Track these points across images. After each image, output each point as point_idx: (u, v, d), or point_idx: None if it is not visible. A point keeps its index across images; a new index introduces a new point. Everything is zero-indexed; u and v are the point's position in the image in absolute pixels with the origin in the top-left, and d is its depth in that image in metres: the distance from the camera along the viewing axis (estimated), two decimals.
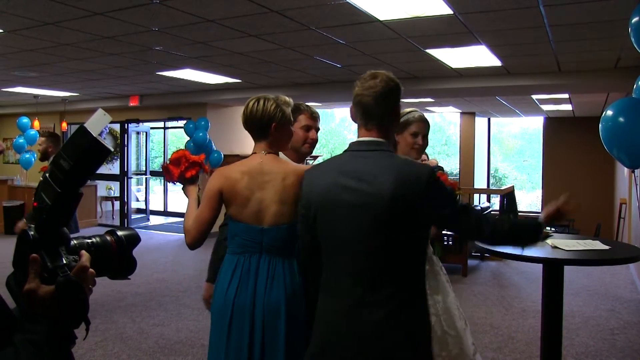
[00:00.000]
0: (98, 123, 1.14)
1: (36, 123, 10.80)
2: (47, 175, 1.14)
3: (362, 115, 2.03)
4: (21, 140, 10.70)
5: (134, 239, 1.27)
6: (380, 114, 2.00)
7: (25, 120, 10.73)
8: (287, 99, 2.59)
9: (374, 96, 2.00)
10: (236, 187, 2.45)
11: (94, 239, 1.21)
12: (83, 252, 1.14)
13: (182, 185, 2.81)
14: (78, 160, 1.11)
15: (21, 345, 1.02)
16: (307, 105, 2.96)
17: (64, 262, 1.11)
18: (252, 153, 2.55)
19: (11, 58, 6.61)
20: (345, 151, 2.07)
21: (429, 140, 2.96)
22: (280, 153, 2.62)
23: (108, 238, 1.23)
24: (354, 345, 1.89)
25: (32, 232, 1.12)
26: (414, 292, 1.95)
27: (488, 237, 2.05)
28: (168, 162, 2.82)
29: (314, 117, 2.95)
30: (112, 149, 1.01)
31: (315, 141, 2.95)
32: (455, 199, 2.07)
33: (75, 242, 1.18)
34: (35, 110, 11.48)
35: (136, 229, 1.34)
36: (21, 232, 1.13)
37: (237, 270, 2.46)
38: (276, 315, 2.39)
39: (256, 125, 2.52)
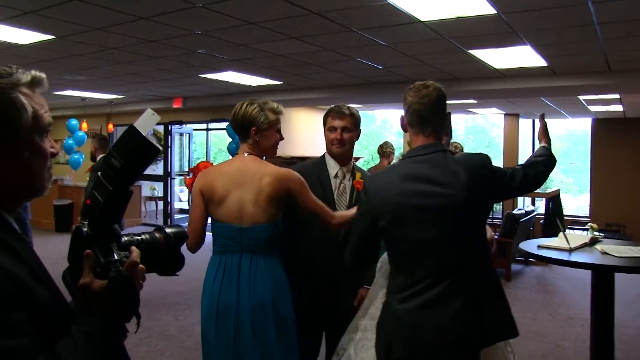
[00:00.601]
0: (147, 122, 1.18)
1: (84, 125, 11.08)
2: (99, 174, 1.18)
3: (419, 122, 2.15)
4: (70, 142, 10.98)
5: (182, 236, 1.30)
6: (435, 120, 2.14)
7: (74, 122, 11.01)
8: (274, 105, 2.68)
9: (429, 104, 2.12)
10: (213, 186, 2.56)
11: (143, 236, 1.25)
12: (133, 248, 1.19)
13: None
14: (128, 159, 1.15)
15: (77, 336, 1.07)
16: (337, 105, 3.00)
17: (116, 257, 1.16)
18: (236, 154, 2.69)
19: (62, 62, 6.78)
20: (406, 158, 2.21)
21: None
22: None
23: (157, 235, 1.27)
24: (446, 338, 2.00)
25: (85, 229, 1.17)
26: (488, 273, 2.15)
27: (536, 181, 2.26)
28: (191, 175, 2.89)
29: (339, 116, 2.99)
30: (161, 148, 1.05)
31: (341, 141, 2.95)
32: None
33: (125, 238, 1.23)
34: (84, 112, 11.77)
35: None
36: (75, 228, 1.18)
37: (220, 269, 2.56)
38: (264, 313, 2.47)
39: (238, 127, 2.65)
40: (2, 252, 1.01)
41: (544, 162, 2.32)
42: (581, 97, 9.24)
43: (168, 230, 1.28)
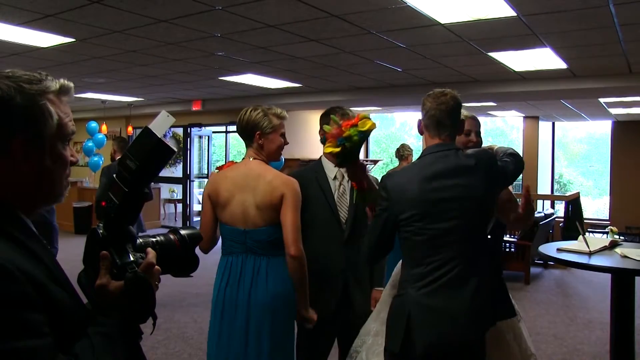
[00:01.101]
0: (162, 124, 1.19)
1: (104, 127, 11.18)
2: (114, 175, 1.19)
3: (437, 127, 2.31)
4: (90, 144, 11.09)
5: (197, 238, 1.31)
6: (451, 125, 2.32)
7: (93, 124, 11.12)
8: (277, 110, 2.74)
9: (447, 111, 2.29)
10: (219, 189, 2.67)
11: (158, 238, 1.26)
12: (149, 249, 1.19)
13: None
14: (143, 160, 1.16)
15: (95, 338, 1.08)
16: (341, 108, 2.98)
17: (132, 259, 1.16)
18: (243, 159, 2.77)
19: (82, 65, 6.87)
20: (422, 156, 2.34)
21: (482, 138, 2.89)
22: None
23: (172, 237, 1.27)
24: (466, 317, 2.17)
25: (101, 231, 1.18)
26: (491, 257, 2.38)
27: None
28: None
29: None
30: (176, 150, 1.07)
31: None
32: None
33: (141, 240, 1.23)
34: (103, 115, 11.89)
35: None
36: (91, 230, 1.19)
37: (227, 270, 2.66)
38: (263, 311, 2.56)
39: (243, 132, 2.73)
40: (22, 254, 1.02)
41: (520, 162, 2.53)
42: (601, 100, 9.15)
43: (183, 231, 1.29)
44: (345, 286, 2.94)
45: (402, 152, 7.33)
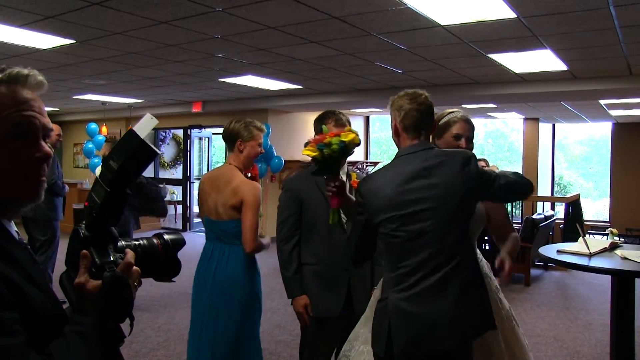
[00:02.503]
0: (146, 126, 1.22)
1: (104, 129, 11.17)
2: (97, 176, 1.20)
3: (414, 127, 2.30)
4: (90, 146, 11.08)
5: (179, 243, 1.31)
6: (430, 124, 2.35)
7: (93, 126, 11.11)
8: (258, 124, 3.28)
9: (427, 111, 2.31)
10: (201, 188, 3.33)
11: (141, 241, 1.26)
12: (128, 250, 1.19)
13: None
14: (126, 160, 1.17)
15: (70, 336, 1.07)
16: (334, 113, 3.01)
17: (111, 259, 1.16)
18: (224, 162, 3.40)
19: (82, 67, 6.86)
20: (397, 157, 2.35)
21: (473, 144, 2.74)
22: None
23: (155, 241, 1.28)
24: (446, 326, 2.13)
25: (82, 231, 1.19)
26: (472, 257, 2.34)
27: (518, 192, 2.45)
28: None
29: (340, 124, 2.99)
30: (159, 152, 1.10)
31: None
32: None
33: (122, 242, 1.23)
34: (103, 116, 11.89)
35: (198, 233, 1.38)
36: (73, 230, 1.19)
37: (204, 252, 3.29)
38: (221, 291, 3.12)
39: (227, 138, 3.27)
40: None
41: (524, 183, 2.44)
42: (602, 101, 9.16)
43: (166, 236, 1.29)
44: (348, 286, 3.05)
45: None
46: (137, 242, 1.26)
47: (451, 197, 2.18)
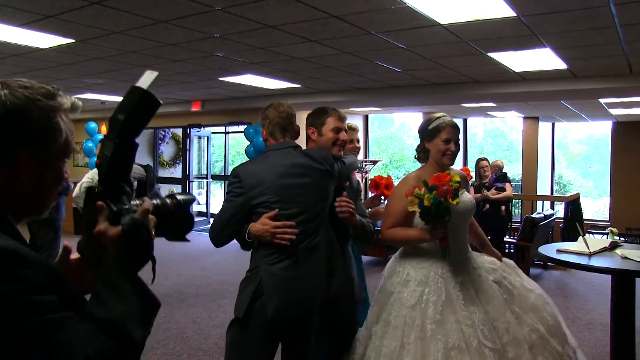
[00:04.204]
0: (147, 80, 1.27)
1: (103, 128, 11.16)
2: (104, 137, 1.25)
3: (282, 130, 2.78)
4: (90, 145, 11.09)
5: (191, 200, 1.36)
6: (292, 129, 2.81)
7: (93, 125, 11.11)
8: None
9: (288, 118, 2.80)
10: None
11: (155, 201, 1.28)
12: (145, 198, 1.23)
13: None
14: (132, 110, 1.23)
15: (102, 292, 1.11)
16: (334, 109, 3.02)
17: (127, 206, 1.20)
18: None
19: (82, 66, 6.85)
20: (266, 151, 2.80)
21: (459, 146, 2.99)
22: None
23: (168, 201, 1.31)
24: (308, 289, 2.66)
25: (97, 188, 1.22)
26: (335, 236, 2.88)
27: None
28: None
29: (342, 119, 2.98)
30: (162, 102, 1.19)
31: (345, 143, 2.97)
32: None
33: (137, 201, 1.25)
34: (102, 115, 11.86)
35: (197, 231, 1.40)
36: (87, 189, 1.23)
37: None
38: None
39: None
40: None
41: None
42: (602, 100, 9.16)
43: (179, 197, 1.33)
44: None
45: None
46: (152, 201, 1.28)
47: (316, 186, 2.69)
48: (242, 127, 10.91)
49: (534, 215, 8.38)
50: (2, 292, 0.95)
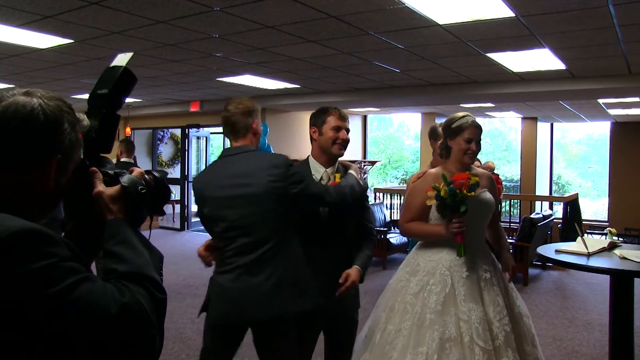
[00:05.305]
0: (123, 59, 1.48)
1: None
2: (88, 111, 1.36)
3: (232, 133, 2.64)
4: None
5: (164, 174, 1.48)
6: (245, 130, 2.62)
7: None
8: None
9: (235, 119, 2.62)
10: None
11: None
12: (133, 168, 1.37)
13: None
14: (114, 85, 1.39)
15: (117, 250, 1.21)
16: (335, 107, 2.96)
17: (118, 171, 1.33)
18: None
19: (81, 66, 6.84)
20: (222, 157, 2.73)
21: (481, 146, 3.03)
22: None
23: (146, 177, 1.40)
24: (255, 296, 2.48)
25: (86, 161, 1.31)
26: (286, 243, 2.62)
27: (340, 197, 2.63)
28: None
29: (343, 118, 2.91)
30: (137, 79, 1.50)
31: (346, 141, 2.90)
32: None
33: (116, 170, 1.35)
34: None
35: (196, 232, 1.46)
36: (80, 162, 1.28)
37: None
38: None
39: None
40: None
41: (350, 187, 2.69)
42: (600, 101, 9.16)
43: (154, 172, 1.44)
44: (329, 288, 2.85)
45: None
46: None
47: (265, 194, 2.47)
48: None
49: (532, 216, 8.37)
50: (43, 266, 0.99)
